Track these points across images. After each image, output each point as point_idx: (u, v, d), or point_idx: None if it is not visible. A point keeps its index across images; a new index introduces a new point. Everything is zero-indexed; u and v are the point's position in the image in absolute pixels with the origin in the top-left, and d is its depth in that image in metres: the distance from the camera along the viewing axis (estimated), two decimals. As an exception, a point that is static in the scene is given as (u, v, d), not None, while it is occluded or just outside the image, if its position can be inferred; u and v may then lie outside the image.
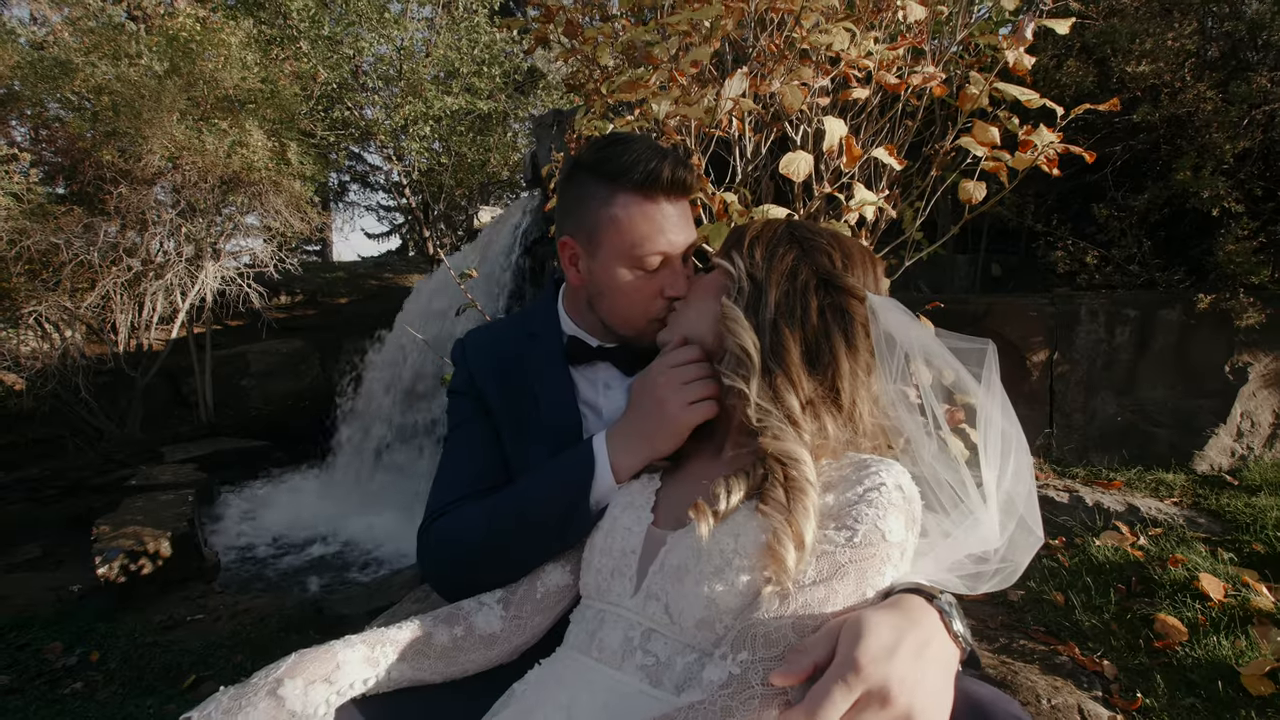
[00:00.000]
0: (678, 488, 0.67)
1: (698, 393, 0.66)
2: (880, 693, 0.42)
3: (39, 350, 5.37)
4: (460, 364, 0.90)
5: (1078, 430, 1.97)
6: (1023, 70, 1.41)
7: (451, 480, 0.81)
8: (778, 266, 0.64)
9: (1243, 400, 1.84)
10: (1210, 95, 1.82)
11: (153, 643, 2.48)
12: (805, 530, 0.52)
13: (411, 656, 0.63)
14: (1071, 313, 1.97)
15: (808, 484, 0.54)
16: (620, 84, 1.40)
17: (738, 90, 1.18)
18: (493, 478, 0.81)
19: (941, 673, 0.46)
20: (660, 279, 0.77)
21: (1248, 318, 1.74)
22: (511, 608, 0.70)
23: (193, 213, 5.57)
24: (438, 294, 4.09)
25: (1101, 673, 1.16)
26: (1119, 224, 2.05)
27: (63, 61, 5.24)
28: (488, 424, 0.84)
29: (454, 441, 0.86)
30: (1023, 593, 1.44)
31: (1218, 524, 1.58)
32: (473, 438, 0.84)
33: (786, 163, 1.30)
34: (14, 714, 2.16)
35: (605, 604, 0.62)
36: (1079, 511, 1.67)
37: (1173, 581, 1.34)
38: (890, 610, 0.47)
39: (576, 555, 0.72)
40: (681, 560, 0.57)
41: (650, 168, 0.73)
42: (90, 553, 3.81)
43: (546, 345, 0.87)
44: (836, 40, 1.22)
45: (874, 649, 0.43)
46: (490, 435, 0.84)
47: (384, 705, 0.60)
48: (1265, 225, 1.87)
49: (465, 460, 0.83)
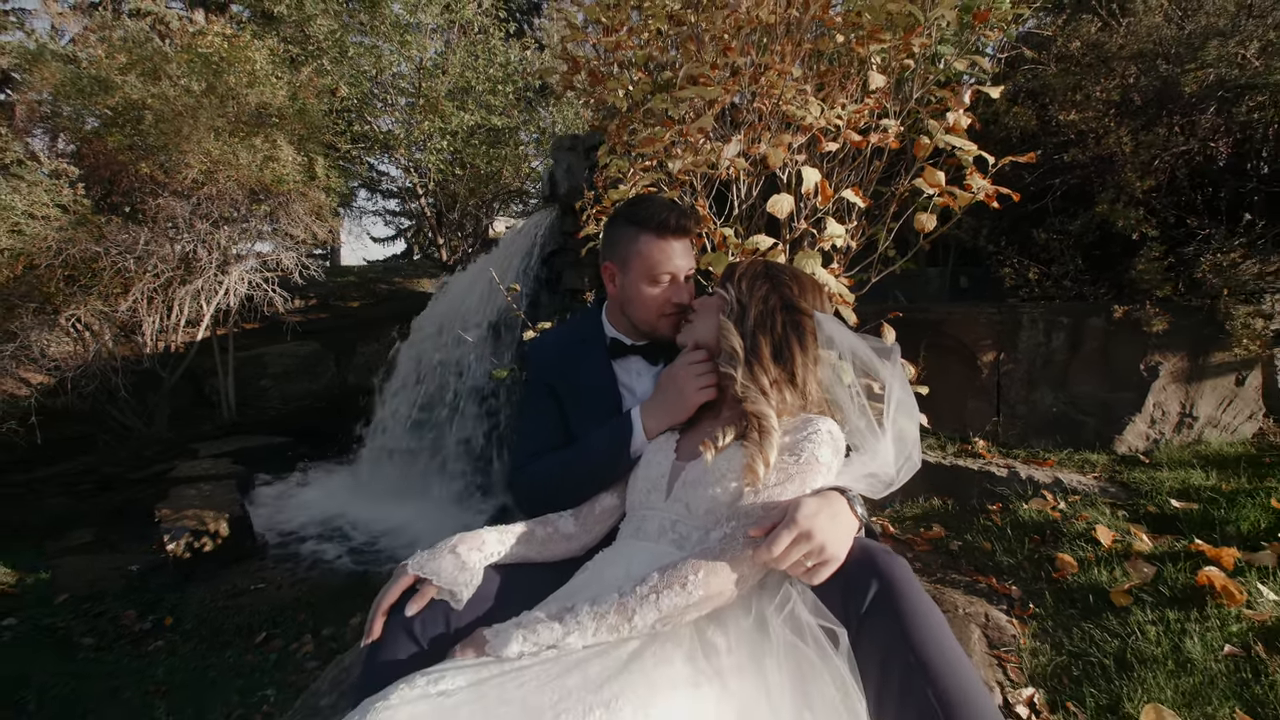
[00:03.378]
0: (690, 438, 1.03)
1: (705, 381, 1.03)
2: (807, 534, 0.78)
3: (76, 352, 5.65)
4: (533, 359, 1.27)
5: (1020, 419, 2.33)
6: (960, 129, 1.79)
7: (531, 441, 1.18)
8: (756, 294, 1.00)
9: (1155, 393, 2.21)
10: (1127, 140, 2.19)
11: (224, 607, 2.82)
12: (770, 456, 0.88)
13: (523, 542, 0.99)
14: (1016, 320, 2.34)
15: (773, 430, 0.90)
16: (640, 139, 1.77)
17: (734, 152, 1.55)
18: (559, 439, 1.17)
19: (845, 530, 0.82)
20: (669, 291, 1.14)
21: (1155, 325, 2.10)
22: (580, 519, 1.06)
23: (224, 222, 5.90)
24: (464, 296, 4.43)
25: (1009, 594, 1.52)
26: (1057, 245, 2.42)
27: (102, 79, 5.56)
28: (554, 403, 1.20)
29: (530, 415, 1.22)
30: (960, 544, 1.80)
31: (1124, 493, 1.94)
32: (542, 412, 1.20)
33: (773, 203, 1.67)
34: (110, 666, 2.50)
35: (646, 509, 0.98)
36: (1014, 483, 2.03)
37: (1076, 532, 1.70)
38: (818, 497, 0.83)
39: (621, 487, 1.08)
40: (695, 476, 0.93)
41: (662, 218, 1.12)
42: (141, 536, 4.17)
43: (594, 346, 1.24)
44: (809, 114, 1.59)
45: (805, 513, 0.79)
46: (555, 410, 1.20)
47: (507, 570, 0.96)
48: (1173, 248, 2.24)
49: (540, 428, 1.19)
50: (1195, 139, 2.16)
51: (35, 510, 5.13)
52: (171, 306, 6.25)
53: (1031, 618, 1.42)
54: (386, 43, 6.16)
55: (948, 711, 0.71)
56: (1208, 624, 1.29)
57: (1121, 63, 2.36)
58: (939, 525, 1.93)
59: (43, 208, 4.84)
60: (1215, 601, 1.35)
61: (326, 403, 7.56)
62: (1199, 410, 2.22)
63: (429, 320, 4.71)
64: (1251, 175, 2.35)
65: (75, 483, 5.84)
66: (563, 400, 1.20)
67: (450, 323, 4.41)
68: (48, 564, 3.69)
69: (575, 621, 0.78)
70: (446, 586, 0.86)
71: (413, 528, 4.12)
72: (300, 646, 2.48)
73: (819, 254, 1.72)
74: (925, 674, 0.72)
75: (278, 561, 3.37)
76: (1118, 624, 1.33)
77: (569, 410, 1.19)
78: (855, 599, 0.78)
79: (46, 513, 5.08)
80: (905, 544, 1.83)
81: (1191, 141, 2.18)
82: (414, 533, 4.04)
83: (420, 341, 4.71)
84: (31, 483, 5.67)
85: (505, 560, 0.97)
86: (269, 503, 4.55)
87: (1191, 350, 2.19)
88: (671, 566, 0.81)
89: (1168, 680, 1.16)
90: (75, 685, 2.30)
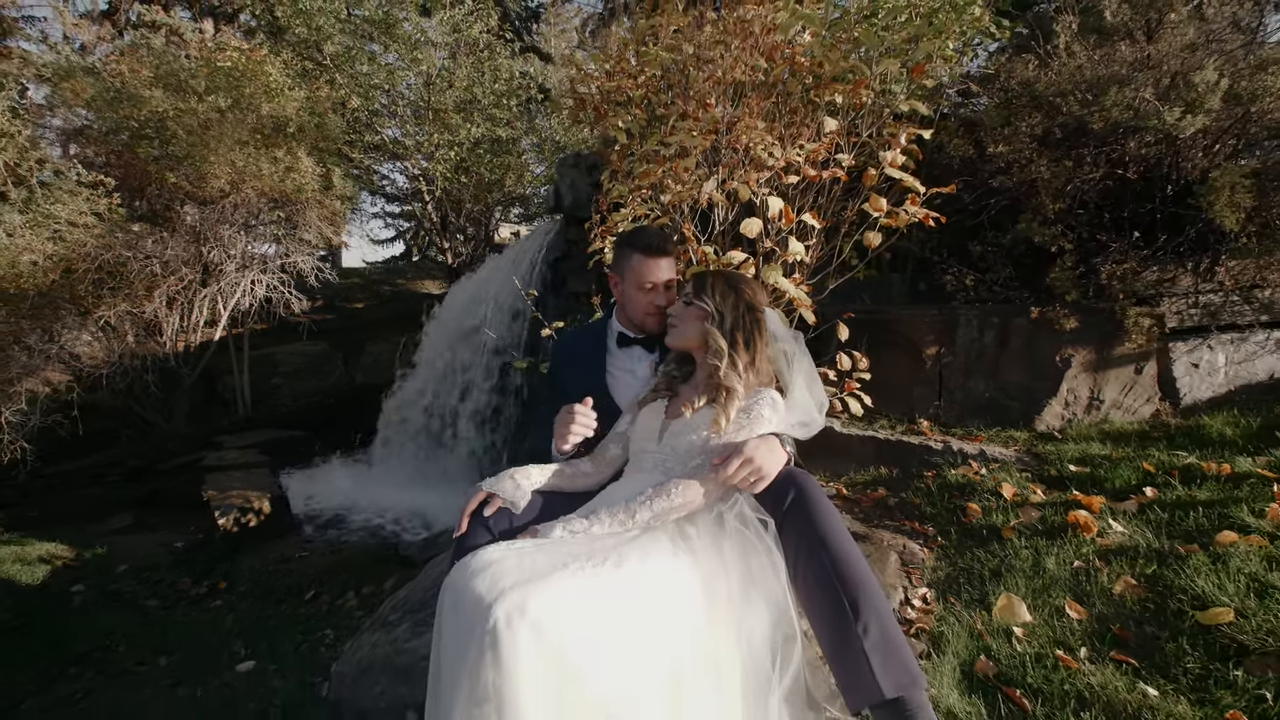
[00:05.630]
0: (675, 403, 1.44)
1: (564, 431, 1.38)
2: (749, 460, 1.20)
3: (106, 350, 5.98)
4: (552, 356, 1.68)
5: (958, 403, 2.76)
6: (896, 165, 2.21)
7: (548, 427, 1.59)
8: (728, 302, 1.41)
9: (1068, 381, 2.64)
10: (1045, 169, 2.62)
11: (274, 571, 3.21)
12: (731, 414, 1.29)
13: (557, 476, 1.40)
14: (954, 320, 2.77)
15: (737, 397, 1.32)
16: (638, 173, 2.18)
17: (712, 187, 1.97)
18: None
19: (776, 459, 1.23)
20: (652, 296, 1.57)
21: (1066, 324, 2.54)
22: (595, 463, 1.47)
23: (244, 228, 6.26)
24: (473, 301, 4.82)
25: (925, 533, 1.94)
26: (991, 256, 2.86)
27: (131, 94, 5.90)
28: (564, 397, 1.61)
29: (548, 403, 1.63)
30: (897, 500, 2.22)
31: (1035, 461, 2.37)
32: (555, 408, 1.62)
33: (745, 225, 2.09)
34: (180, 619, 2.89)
35: (643, 452, 1.39)
36: (948, 455, 2.46)
37: (988, 489, 2.13)
38: (760, 439, 1.25)
39: (625, 441, 1.49)
40: (679, 428, 1.35)
41: (649, 242, 1.54)
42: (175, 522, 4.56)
43: (598, 350, 1.65)
44: (773, 156, 2.00)
45: (750, 448, 1.21)
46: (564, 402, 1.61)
47: (546, 495, 1.37)
48: (1086, 259, 2.67)
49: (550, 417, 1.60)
50: (1099, 169, 2.59)
51: (69, 499, 5.50)
52: (191, 308, 6.59)
53: (939, 548, 1.85)
54: (399, 60, 6.53)
55: (836, 568, 1.12)
56: (1065, 548, 1.71)
57: (1047, 101, 2.79)
58: (883, 488, 2.35)
59: (81, 216, 5.20)
60: (1077, 534, 1.78)
61: (335, 400, 7.92)
62: (1105, 395, 2.65)
63: (447, 315, 5.09)
64: (1156, 198, 2.78)
65: (103, 474, 6.19)
66: (568, 387, 1.61)
67: (465, 320, 4.81)
68: (99, 542, 4.06)
69: (596, 518, 1.20)
70: (508, 498, 1.27)
71: (430, 510, 4.51)
72: (345, 601, 2.87)
73: (781, 266, 2.14)
74: (823, 546, 1.14)
75: (314, 537, 3.76)
76: (1000, 549, 1.76)
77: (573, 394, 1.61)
78: (780, 501, 1.19)
79: (81, 501, 5.44)
80: (854, 501, 2.25)
81: (1098, 170, 2.62)
82: (432, 515, 4.44)
83: (437, 337, 5.10)
84: (61, 474, 6.01)
85: (544, 488, 1.38)
86: (296, 489, 4.93)
87: (1098, 345, 2.62)
88: (660, 484, 1.23)
89: (1025, 583, 1.58)
90: (154, 633, 2.69)
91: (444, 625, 1.00)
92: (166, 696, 1.99)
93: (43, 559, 3.67)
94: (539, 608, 0.91)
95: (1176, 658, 1.27)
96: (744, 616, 1.12)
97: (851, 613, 1.08)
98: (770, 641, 1.10)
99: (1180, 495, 1.92)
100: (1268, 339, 2.75)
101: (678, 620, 1.07)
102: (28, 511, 5.06)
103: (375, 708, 1.53)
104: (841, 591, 1.10)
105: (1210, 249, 2.71)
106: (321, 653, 2.32)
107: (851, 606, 1.09)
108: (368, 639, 1.72)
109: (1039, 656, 1.33)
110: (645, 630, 1.02)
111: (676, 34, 2.53)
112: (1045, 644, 1.36)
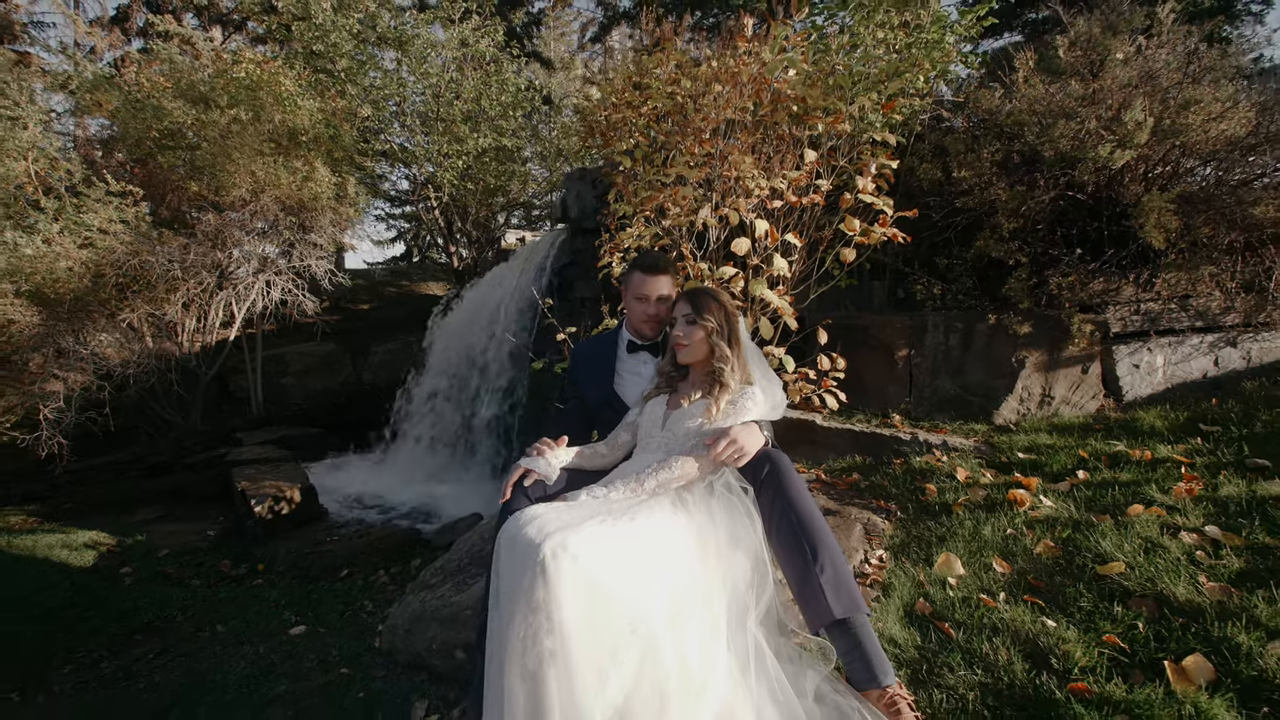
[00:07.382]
0: (674, 396, 1.76)
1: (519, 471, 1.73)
2: (734, 441, 1.53)
3: (130, 350, 6.25)
4: (570, 361, 2.00)
5: (926, 400, 3.09)
6: (867, 191, 2.54)
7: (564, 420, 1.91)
8: (720, 314, 1.73)
9: (1023, 379, 2.98)
10: (1002, 191, 2.96)
11: (309, 553, 3.51)
12: (721, 406, 1.62)
13: (579, 456, 1.72)
14: (923, 325, 3.10)
15: (728, 391, 1.64)
16: (641, 198, 2.51)
17: (705, 214, 2.29)
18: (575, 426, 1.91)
19: (756, 440, 1.56)
20: (646, 307, 1.89)
21: (1020, 329, 2.87)
22: (610, 447, 1.79)
23: (260, 234, 6.55)
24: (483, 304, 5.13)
25: (888, 509, 2.27)
26: (957, 268, 3.19)
27: (154, 106, 6.19)
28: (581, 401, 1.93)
29: (566, 401, 1.95)
30: (868, 483, 2.55)
31: (990, 450, 2.71)
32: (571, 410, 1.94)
33: (735, 245, 2.41)
34: (227, 595, 3.19)
35: (649, 436, 1.71)
36: (915, 445, 2.79)
37: (945, 473, 2.46)
38: (742, 425, 1.58)
39: (635, 429, 1.81)
40: (678, 416, 1.67)
41: (650, 263, 1.86)
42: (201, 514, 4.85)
43: (609, 359, 1.97)
44: (759, 186, 2.33)
45: (734, 432, 1.54)
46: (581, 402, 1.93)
47: (571, 471, 1.69)
48: (1040, 271, 3.01)
49: (568, 415, 1.93)
50: (1050, 191, 2.93)
51: (97, 492, 5.78)
52: (207, 310, 6.87)
53: (898, 520, 2.18)
54: (409, 73, 6.83)
55: (801, 524, 1.45)
56: (1001, 519, 2.04)
57: (1007, 130, 3.13)
58: (857, 473, 2.68)
59: (111, 224, 5.48)
60: (1013, 508, 2.11)
61: (345, 399, 8.21)
62: (1055, 392, 2.98)
63: (458, 317, 5.40)
64: (1104, 216, 3.11)
65: (124, 470, 6.46)
66: (583, 387, 1.93)
67: (475, 322, 5.12)
68: (136, 531, 4.36)
69: (613, 487, 1.52)
70: (543, 473, 1.59)
71: (442, 501, 4.82)
72: (378, 578, 3.19)
73: (766, 280, 2.47)
74: (791, 508, 1.47)
75: (342, 524, 4.07)
76: (948, 521, 2.09)
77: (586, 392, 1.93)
78: (758, 473, 1.52)
79: (107, 494, 5.72)
80: (831, 485, 2.58)
81: (1049, 193, 2.95)
82: (444, 505, 4.75)
83: (449, 337, 5.41)
84: (87, 469, 6.29)
85: (569, 466, 1.70)
86: (316, 482, 5.23)
87: (1049, 348, 2.96)
88: (663, 460, 1.55)
89: (964, 545, 1.91)
90: (207, 606, 2.99)
91: (501, 563, 1.32)
92: (233, 652, 2.30)
93: (88, 545, 3.97)
94: (576, 545, 1.23)
95: (1074, 598, 1.60)
96: (729, 562, 1.44)
97: (812, 556, 1.41)
98: (749, 580, 1.43)
99: (1105, 477, 2.26)
100: (1201, 342, 3.09)
101: (677, 563, 1.39)
102: (61, 504, 5.35)
103: (427, 649, 1.85)
104: (805, 541, 1.43)
105: (1150, 263, 3.05)
106: (363, 619, 2.63)
107: (812, 552, 1.41)
108: (414, 599, 2.05)
109: (966, 599, 1.66)
110: (653, 568, 1.34)
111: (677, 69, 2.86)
112: (973, 590, 1.69)
